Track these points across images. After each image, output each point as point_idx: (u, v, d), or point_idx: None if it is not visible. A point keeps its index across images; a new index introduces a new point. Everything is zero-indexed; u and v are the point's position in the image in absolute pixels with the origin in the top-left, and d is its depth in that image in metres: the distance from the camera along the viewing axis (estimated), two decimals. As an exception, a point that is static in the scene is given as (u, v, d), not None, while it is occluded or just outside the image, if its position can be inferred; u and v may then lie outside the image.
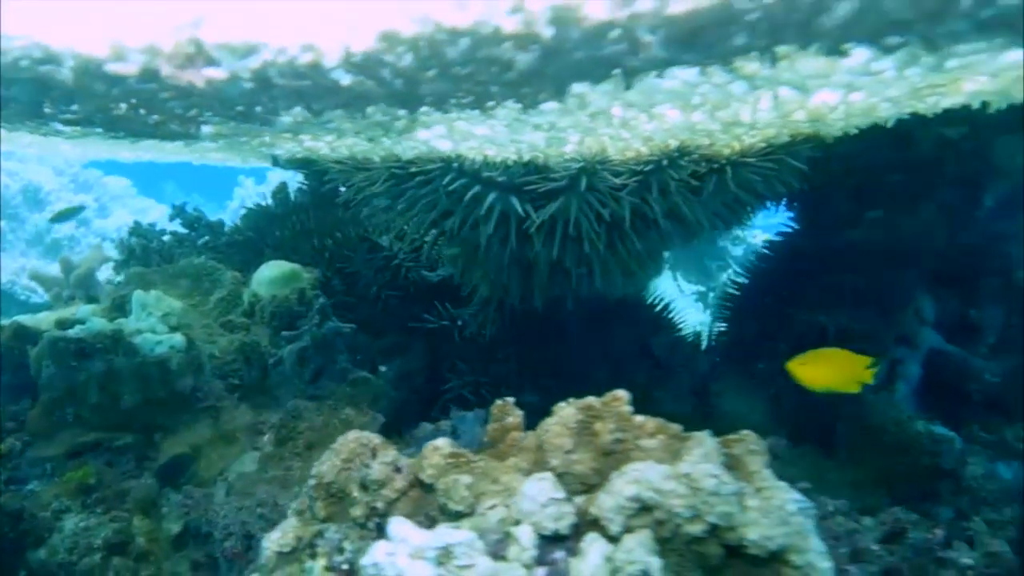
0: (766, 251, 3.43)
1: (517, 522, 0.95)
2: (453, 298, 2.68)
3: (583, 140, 1.62)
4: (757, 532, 0.88)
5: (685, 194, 1.99)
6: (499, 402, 1.22)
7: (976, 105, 2.03)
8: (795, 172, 2.03)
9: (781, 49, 0.87)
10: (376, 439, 1.15)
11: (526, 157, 1.80)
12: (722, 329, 3.59)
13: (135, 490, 1.71)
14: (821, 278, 3.00)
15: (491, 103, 0.93)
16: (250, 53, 0.78)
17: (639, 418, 1.04)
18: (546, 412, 2.56)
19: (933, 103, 1.46)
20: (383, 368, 2.60)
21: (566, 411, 1.06)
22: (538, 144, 1.50)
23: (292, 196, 3.23)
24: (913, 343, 2.90)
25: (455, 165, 1.76)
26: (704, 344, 3.42)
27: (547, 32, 0.75)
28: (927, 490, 2.51)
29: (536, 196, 1.89)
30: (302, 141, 1.47)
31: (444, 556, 0.90)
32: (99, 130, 1.46)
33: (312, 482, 1.11)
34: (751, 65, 0.91)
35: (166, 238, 3.46)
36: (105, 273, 3.67)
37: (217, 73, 0.81)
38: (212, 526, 1.60)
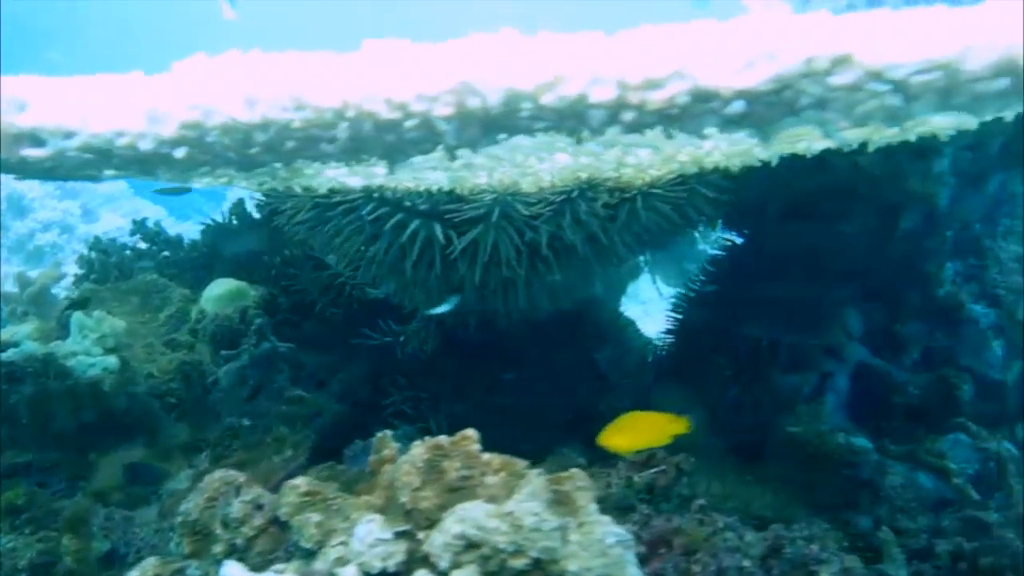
0: (708, 267, 3.55)
1: (347, 562, 1.04)
2: (397, 314, 2.77)
3: (492, 174, 1.71)
4: (576, 564, 0.97)
5: (602, 221, 2.10)
6: (379, 434, 1.31)
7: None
8: (707, 200, 2.14)
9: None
10: (241, 477, 1.23)
11: (447, 187, 1.89)
12: (669, 341, 3.72)
13: (67, 509, 1.79)
14: (757, 293, 3.12)
15: (339, 163, 1.02)
16: (70, 135, 0.87)
17: (486, 456, 1.13)
18: (481, 424, 2.65)
19: (804, 147, 1.57)
20: (328, 383, 2.68)
21: (416, 450, 1.14)
22: (442, 181, 1.60)
23: (249, 213, 3.30)
24: (841, 356, 3.02)
25: (375, 195, 1.85)
26: (650, 357, 3.53)
27: (343, 126, 0.86)
28: (847, 500, 2.64)
29: (459, 223, 1.99)
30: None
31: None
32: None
33: (178, 519, 1.19)
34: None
35: (127, 252, 3.53)
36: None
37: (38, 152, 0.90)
38: (129, 547, 1.68)
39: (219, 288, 2.79)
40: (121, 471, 1.95)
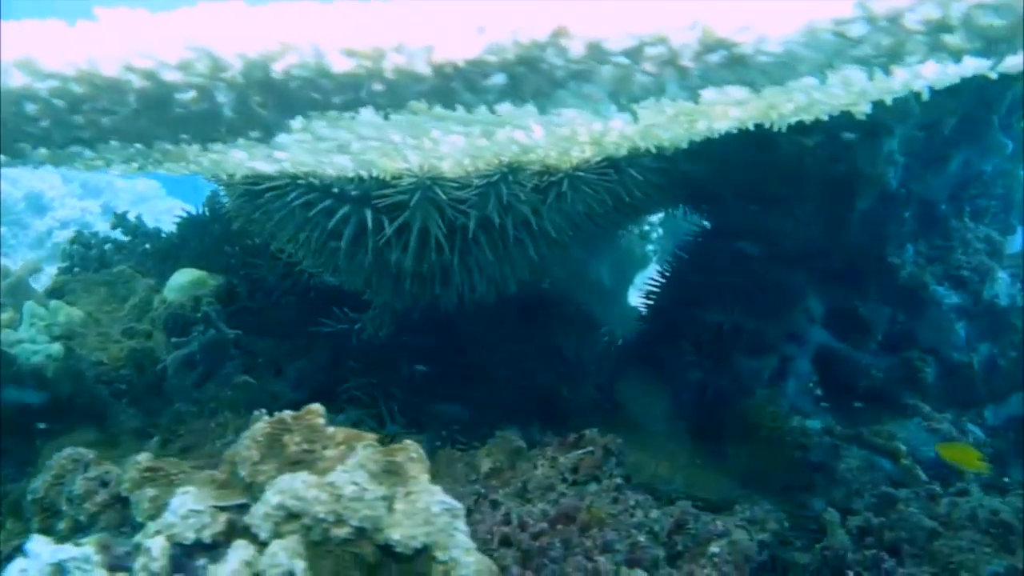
0: (678, 252, 3.55)
1: (158, 533, 1.06)
2: (355, 301, 2.81)
3: (406, 158, 1.74)
4: (400, 532, 0.99)
5: (532, 204, 2.12)
6: (256, 413, 1.32)
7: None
8: (638, 182, 2.15)
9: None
10: (90, 455, 1.26)
11: (374, 172, 1.92)
12: (637, 328, 3.73)
13: (12, 493, 1.85)
14: (719, 278, 3.12)
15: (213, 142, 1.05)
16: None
17: (331, 430, 1.15)
18: (434, 409, 2.67)
19: (705, 127, 1.58)
20: (285, 371, 2.73)
21: (257, 425, 1.17)
22: (347, 166, 1.62)
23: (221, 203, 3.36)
24: (802, 340, 3.01)
25: (301, 181, 1.89)
26: (616, 343, 3.55)
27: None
28: (802, 482, 2.64)
29: (391, 207, 2.02)
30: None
31: (56, 572, 1.01)
32: None
33: (29, 497, 1.22)
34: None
35: (108, 246, 3.60)
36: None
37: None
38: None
39: (181, 278, 2.84)
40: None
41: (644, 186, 2.21)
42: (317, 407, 1.18)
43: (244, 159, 1.47)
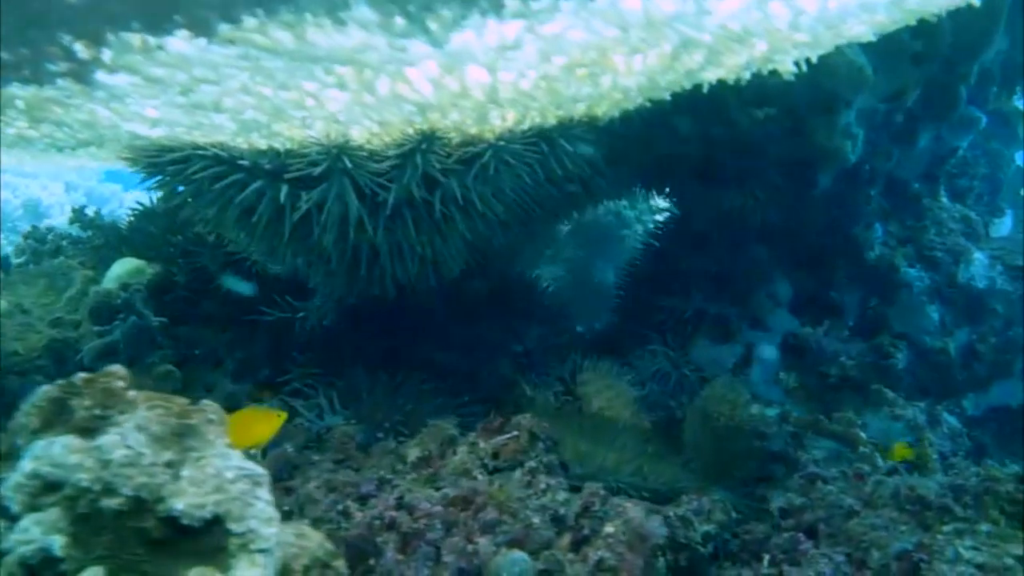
0: (647, 238, 3.44)
1: None
2: (300, 289, 2.71)
3: (304, 123, 1.64)
4: (184, 501, 0.88)
5: (459, 177, 2.01)
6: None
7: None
8: (571, 156, 2.04)
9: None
10: None
11: (277, 142, 1.82)
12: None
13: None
14: (680, 263, 3.00)
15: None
16: None
17: (132, 393, 1.03)
18: (376, 399, 2.54)
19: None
20: (225, 362, 2.63)
21: (42, 389, 1.04)
22: (228, 127, 1.53)
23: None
24: (766, 326, 2.88)
25: (203, 151, 1.78)
26: (583, 333, 3.43)
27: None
28: (763, 473, 2.50)
29: (306, 182, 1.92)
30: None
31: None
32: None
33: None
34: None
35: (64, 241, 3.53)
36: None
37: None
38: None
39: (119, 268, 2.76)
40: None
41: (577, 159, 2.09)
42: (118, 368, 1.06)
43: (112, 118, 1.37)
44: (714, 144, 2.58)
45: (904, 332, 2.84)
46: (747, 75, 1.78)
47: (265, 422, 1.88)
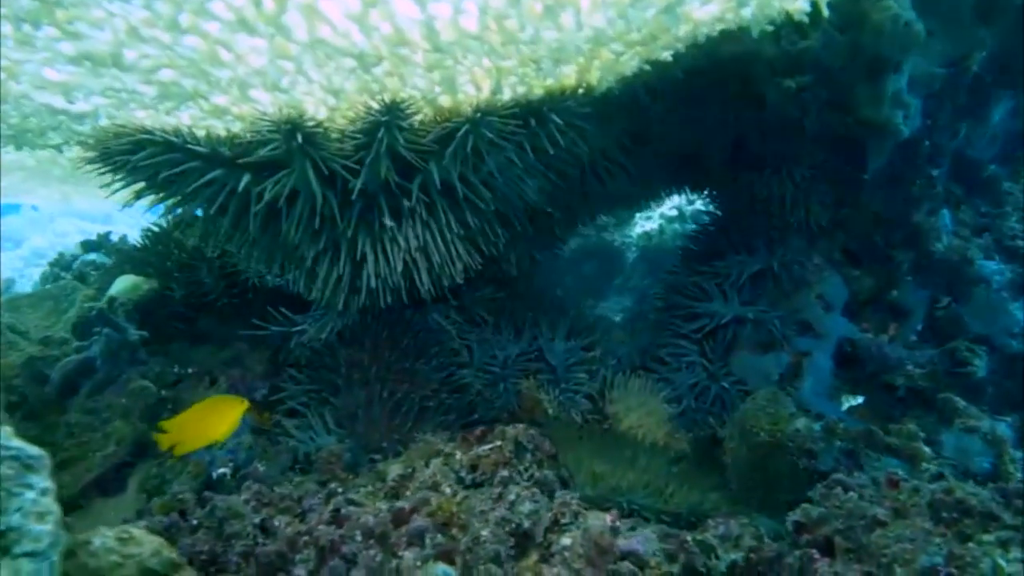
0: (684, 240, 3.14)
1: None
2: (299, 301, 2.53)
3: (244, 93, 1.46)
4: None
5: (438, 161, 1.80)
6: None
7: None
8: (561, 128, 1.80)
9: None
10: None
11: (237, 124, 1.66)
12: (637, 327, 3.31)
13: None
14: (719, 264, 2.69)
15: None
16: None
17: None
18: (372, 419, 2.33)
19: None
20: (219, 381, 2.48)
21: None
22: (147, 95, 1.36)
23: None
24: (818, 332, 2.53)
25: (149, 136, 1.62)
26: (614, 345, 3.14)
27: None
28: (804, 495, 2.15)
29: (273, 169, 1.74)
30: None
31: None
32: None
33: None
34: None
35: (89, 268, 3.50)
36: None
37: None
38: None
39: (118, 285, 2.66)
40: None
41: (573, 136, 1.85)
42: None
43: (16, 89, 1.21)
44: (742, 123, 2.29)
45: (984, 335, 2.43)
46: (747, 14, 1.51)
47: (225, 414, 1.71)
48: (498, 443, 1.58)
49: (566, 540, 1.20)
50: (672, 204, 4.93)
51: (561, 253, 3.38)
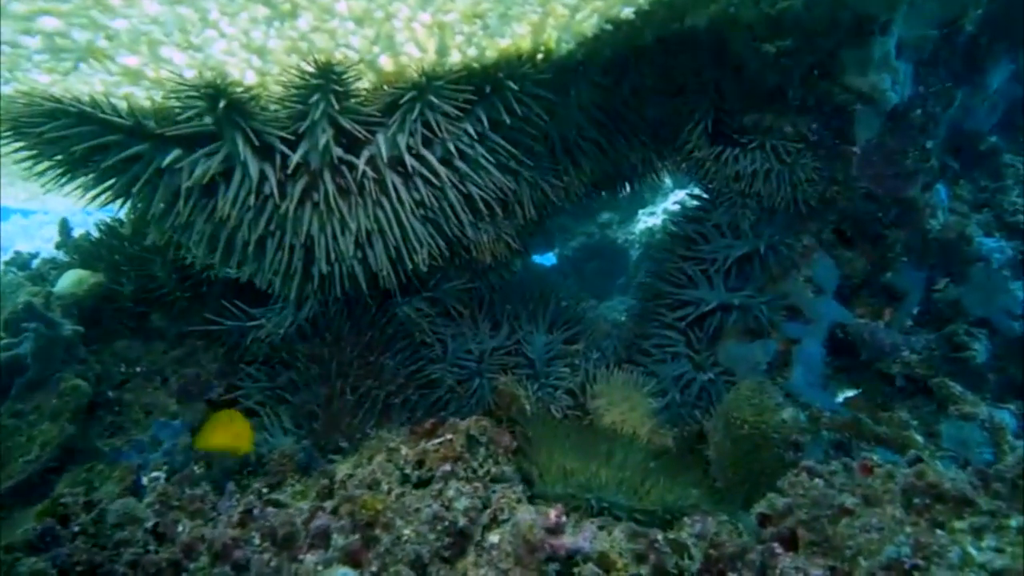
0: (668, 226, 2.98)
1: None
2: (260, 295, 2.38)
3: (154, 53, 1.32)
4: None
5: (384, 132, 1.65)
6: None
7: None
8: (519, 97, 1.65)
9: None
10: None
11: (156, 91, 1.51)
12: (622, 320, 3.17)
13: None
14: (703, 249, 2.54)
15: None
16: None
17: None
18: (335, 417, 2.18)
19: None
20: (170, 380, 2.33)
21: None
22: (36, 53, 1.21)
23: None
24: (808, 318, 2.38)
25: (56, 106, 1.47)
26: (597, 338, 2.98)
27: None
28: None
29: (199, 140, 1.60)
30: None
31: None
32: None
33: None
34: None
35: (50, 265, 3.36)
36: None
37: None
38: None
39: (64, 280, 2.51)
40: None
41: (534, 106, 1.71)
42: None
43: None
44: (721, 94, 2.15)
45: (984, 317, 2.28)
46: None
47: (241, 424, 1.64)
48: (448, 437, 1.43)
49: (494, 538, 1.06)
50: (676, 199, 4.79)
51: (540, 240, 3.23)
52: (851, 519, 1.13)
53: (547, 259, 4.98)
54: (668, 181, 4.67)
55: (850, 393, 2.41)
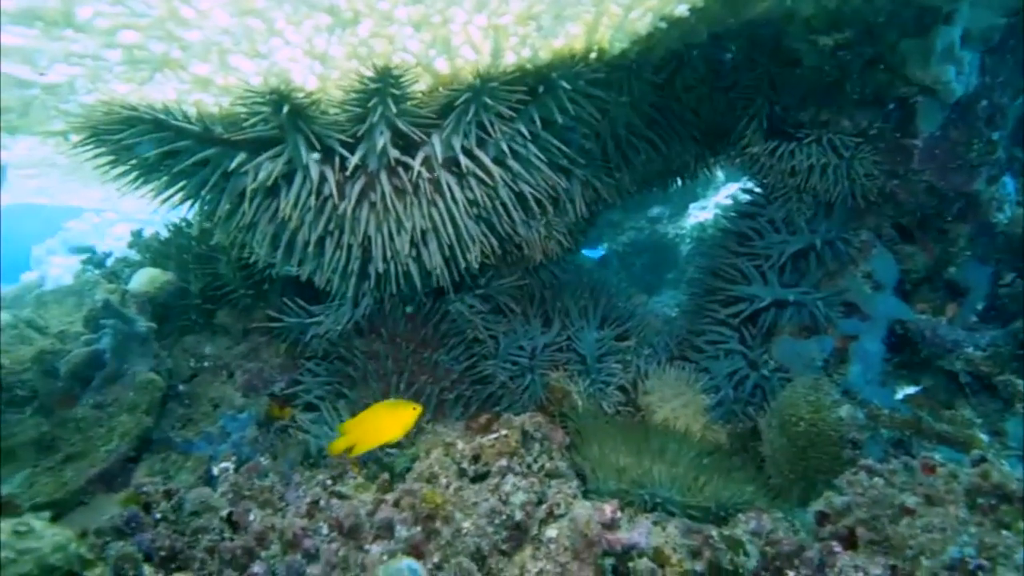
0: (722, 222, 2.96)
1: None
2: (320, 292, 2.46)
3: (223, 60, 1.38)
4: None
5: (440, 134, 1.69)
6: None
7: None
8: (570, 94, 1.67)
9: None
10: None
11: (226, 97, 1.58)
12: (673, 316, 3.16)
13: None
14: (758, 244, 2.52)
15: None
16: None
17: None
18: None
19: None
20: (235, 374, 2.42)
21: None
22: (116, 67, 1.28)
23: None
24: (865, 313, 2.34)
25: (137, 114, 1.55)
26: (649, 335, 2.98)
27: None
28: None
29: (263, 145, 1.66)
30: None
31: None
32: None
33: None
34: None
35: (123, 265, 3.51)
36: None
37: None
38: None
39: (138, 279, 2.63)
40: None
41: (586, 105, 1.72)
42: None
43: None
44: (777, 88, 2.13)
45: (1054, 313, 2.21)
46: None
47: (400, 417, 1.69)
48: (503, 432, 1.46)
49: (551, 532, 1.08)
50: (727, 193, 4.73)
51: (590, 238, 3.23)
52: (912, 518, 1.12)
53: (595, 252, 4.97)
54: (719, 174, 4.62)
55: (911, 390, 2.36)
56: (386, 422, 1.66)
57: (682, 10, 1.57)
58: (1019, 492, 1.08)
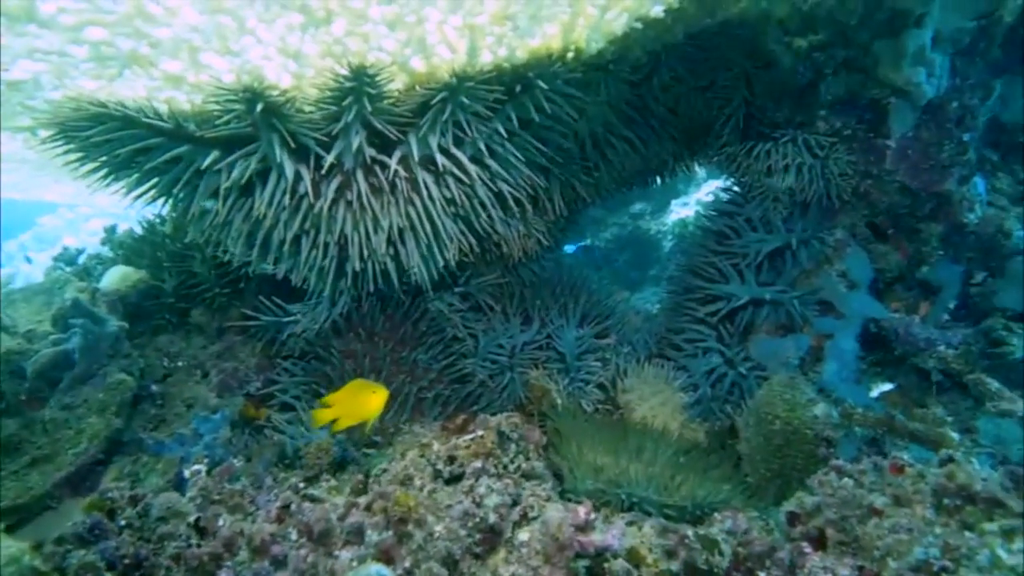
0: (701, 220, 2.97)
1: None
2: (297, 291, 2.44)
3: (192, 56, 1.36)
4: None
5: (416, 133, 1.68)
6: None
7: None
8: (545, 93, 1.66)
9: None
10: None
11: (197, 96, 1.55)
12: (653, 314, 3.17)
13: None
14: (733, 244, 2.53)
15: None
16: None
17: None
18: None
19: None
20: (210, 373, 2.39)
21: None
22: (82, 63, 1.25)
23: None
24: (840, 312, 2.36)
25: (106, 110, 1.52)
26: (627, 332, 2.99)
27: None
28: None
29: (237, 142, 1.64)
30: None
31: None
32: None
33: None
34: None
35: (95, 260, 3.45)
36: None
37: None
38: None
39: (108, 277, 2.59)
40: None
41: (561, 103, 1.72)
42: None
43: None
44: (752, 89, 2.14)
45: (1022, 312, 2.24)
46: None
47: (376, 397, 1.68)
48: (479, 433, 1.46)
49: (524, 535, 1.08)
50: (709, 190, 4.76)
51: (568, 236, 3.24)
52: (880, 519, 1.13)
53: (572, 246, 4.98)
54: (701, 172, 4.64)
55: (885, 388, 2.39)
56: (362, 400, 1.66)
57: (657, 11, 1.57)
58: (983, 493, 1.09)
